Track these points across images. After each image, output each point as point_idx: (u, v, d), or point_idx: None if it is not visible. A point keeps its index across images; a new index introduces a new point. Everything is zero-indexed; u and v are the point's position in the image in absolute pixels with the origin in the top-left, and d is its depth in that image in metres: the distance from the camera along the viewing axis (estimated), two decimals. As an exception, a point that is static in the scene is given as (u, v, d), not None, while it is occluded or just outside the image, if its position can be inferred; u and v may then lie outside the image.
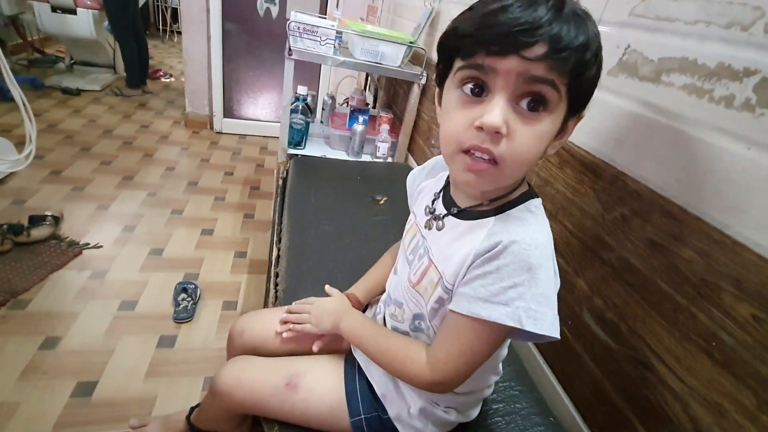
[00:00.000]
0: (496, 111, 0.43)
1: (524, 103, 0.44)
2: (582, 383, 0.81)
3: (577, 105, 0.47)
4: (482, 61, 0.43)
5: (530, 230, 0.49)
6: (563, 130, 0.49)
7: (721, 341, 0.56)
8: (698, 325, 0.59)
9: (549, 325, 0.47)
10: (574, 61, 0.41)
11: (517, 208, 0.52)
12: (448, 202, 0.60)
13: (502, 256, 0.47)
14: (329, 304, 0.76)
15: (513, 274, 0.47)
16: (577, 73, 0.42)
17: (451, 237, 0.57)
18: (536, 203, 0.53)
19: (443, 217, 0.59)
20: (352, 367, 0.72)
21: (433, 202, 0.64)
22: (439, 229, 0.60)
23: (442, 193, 0.64)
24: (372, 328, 0.67)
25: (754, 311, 0.52)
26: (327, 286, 0.83)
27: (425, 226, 0.63)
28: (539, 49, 0.40)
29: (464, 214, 0.57)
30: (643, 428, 0.67)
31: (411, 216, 0.71)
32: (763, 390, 0.51)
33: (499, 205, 0.53)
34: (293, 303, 0.82)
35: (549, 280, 0.48)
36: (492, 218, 0.52)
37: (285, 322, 0.79)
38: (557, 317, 0.48)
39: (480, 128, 0.44)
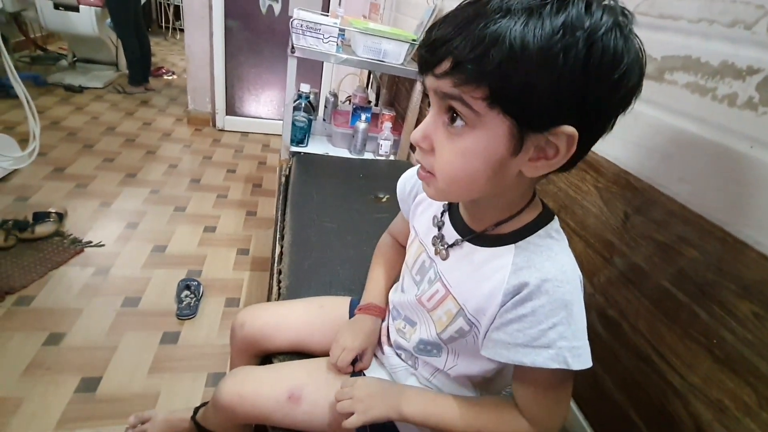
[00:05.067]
0: (419, 126, 0.46)
1: (447, 119, 0.44)
2: (583, 379, 0.81)
3: (531, 120, 0.40)
4: (422, 79, 0.45)
5: (559, 263, 0.47)
6: (522, 149, 0.42)
7: (722, 339, 0.56)
8: (699, 322, 0.59)
9: (587, 358, 0.46)
10: (473, 73, 0.38)
11: (537, 234, 0.50)
12: (459, 224, 0.57)
13: (536, 297, 0.46)
14: (373, 385, 0.62)
15: (550, 314, 0.45)
16: (496, 86, 0.38)
17: (469, 267, 0.54)
18: (556, 226, 0.51)
19: (454, 244, 0.56)
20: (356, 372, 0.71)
21: (441, 214, 0.60)
22: (443, 258, 0.57)
23: (449, 211, 0.60)
24: (445, 404, 0.58)
25: (755, 309, 0.52)
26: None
27: (433, 248, 0.59)
28: (445, 65, 0.40)
29: (480, 240, 0.53)
30: (644, 425, 0.67)
31: (411, 231, 0.68)
32: (763, 387, 0.51)
33: (516, 230, 0.51)
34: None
35: (582, 312, 0.47)
36: (512, 246, 0.50)
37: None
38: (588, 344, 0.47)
39: None
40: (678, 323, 0.63)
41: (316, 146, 1.82)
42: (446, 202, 0.61)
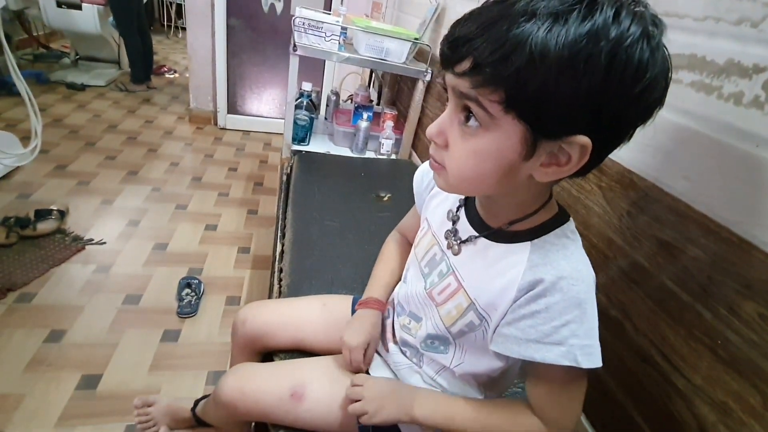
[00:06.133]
0: (435, 122, 0.46)
1: (463, 117, 0.44)
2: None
3: (545, 127, 0.40)
4: (442, 74, 0.45)
5: (574, 262, 0.47)
6: (535, 154, 0.41)
7: (726, 340, 0.56)
8: (704, 323, 0.59)
9: (598, 357, 0.46)
10: (491, 76, 0.38)
11: (553, 233, 0.50)
12: (475, 219, 0.56)
13: (550, 294, 0.46)
14: (384, 386, 0.64)
15: (564, 311, 0.46)
16: (512, 91, 0.38)
17: (483, 262, 0.54)
18: (572, 227, 0.51)
19: (467, 240, 0.56)
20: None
21: (457, 209, 0.59)
22: (454, 253, 0.57)
23: (465, 206, 0.59)
24: (457, 405, 0.58)
25: (760, 310, 0.52)
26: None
27: (446, 242, 0.59)
28: (465, 64, 0.39)
29: (495, 236, 0.53)
30: (647, 426, 0.67)
31: (423, 223, 0.68)
32: (768, 388, 0.51)
33: (532, 228, 0.50)
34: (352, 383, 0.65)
35: (595, 311, 0.47)
36: (527, 244, 0.50)
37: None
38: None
39: None
40: (681, 324, 0.62)
41: (317, 145, 1.81)
42: (462, 197, 0.61)
